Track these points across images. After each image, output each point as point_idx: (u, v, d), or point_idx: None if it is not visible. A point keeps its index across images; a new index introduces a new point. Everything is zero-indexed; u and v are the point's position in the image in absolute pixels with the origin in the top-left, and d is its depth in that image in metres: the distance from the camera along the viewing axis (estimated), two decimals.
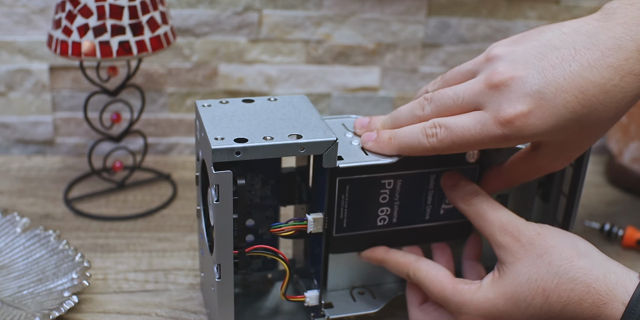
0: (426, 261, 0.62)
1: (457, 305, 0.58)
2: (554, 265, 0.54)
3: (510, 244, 0.57)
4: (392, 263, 0.64)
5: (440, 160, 0.63)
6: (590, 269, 0.53)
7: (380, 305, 0.66)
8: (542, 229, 0.57)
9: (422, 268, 0.62)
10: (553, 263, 0.54)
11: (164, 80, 0.95)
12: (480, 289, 0.58)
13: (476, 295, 0.57)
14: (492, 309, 0.56)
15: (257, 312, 0.66)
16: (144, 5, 0.77)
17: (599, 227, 0.82)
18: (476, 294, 0.57)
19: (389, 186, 0.62)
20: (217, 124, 0.57)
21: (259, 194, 0.66)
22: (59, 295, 0.67)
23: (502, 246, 0.57)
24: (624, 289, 0.52)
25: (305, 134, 0.56)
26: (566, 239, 0.56)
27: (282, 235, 0.60)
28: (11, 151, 0.97)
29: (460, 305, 0.58)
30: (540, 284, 0.54)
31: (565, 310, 0.53)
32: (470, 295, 0.58)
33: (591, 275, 0.53)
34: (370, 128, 0.62)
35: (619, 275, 0.53)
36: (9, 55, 0.91)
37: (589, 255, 0.55)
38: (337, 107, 0.99)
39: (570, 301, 0.53)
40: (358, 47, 0.96)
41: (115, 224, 0.83)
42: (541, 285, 0.54)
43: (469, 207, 0.60)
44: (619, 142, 0.92)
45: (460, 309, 0.58)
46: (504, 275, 0.56)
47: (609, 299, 0.52)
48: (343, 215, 0.63)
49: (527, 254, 0.56)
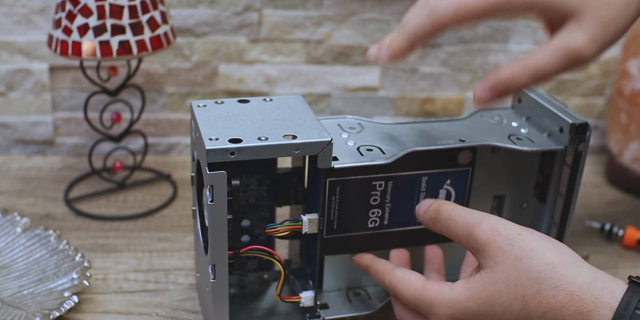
0: (402, 269, 0.60)
1: (427, 305, 0.56)
2: (534, 270, 0.51)
3: (485, 245, 0.54)
4: (372, 271, 0.62)
5: (432, 162, 0.63)
6: (573, 277, 0.51)
7: (376, 306, 0.66)
8: (522, 229, 0.54)
9: (396, 274, 0.59)
10: (533, 268, 0.51)
11: (164, 80, 0.95)
12: (451, 289, 0.55)
13: (445, 295, 0.55)
14: (463, 311, 0.54)
15: (252, 313, 0.66)
16: (144, 5, 0.77)
17: (599, 227, 0.81)
18: (446, 293, 0.55)
19: (379, 188, 0.62)
20: (212, 125, 0.57)
21: (254, 194, 0.66)
22: (59, 295, 0.67)
23: (478, 250, 0.55)
24: (611, 294, 0.49)
25: (300, 134, 0.56)
26: (549, 243, 0.53)
27: (277, 236, 0.60)
28: (11, 151, 0.98)
29: (429, 304, 0.56)
30: (520, 290, 0.51)
31: (546, 317, 0.51)
32: (439, 294, 0.55)
33: (574, 283, 0.50)
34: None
35: (605, 283, 0.50)
36: (9, 55, 0.92)
37: (574, 264, 0.52)
38: (337, 107, 0.99)
39: (551, 308, 0.50)
40: (358, 47, 0.96)
41: (116, 224, 0.83)
42: (520, 290, 0.51)
43: (440, 224, 0.58)
44: (619, 142, 0.92)
45: (430, 309, 0.56)
46: (481, 280, 0.54)
47: (594, 306, 0.49)
48: (333, 216, 0.63)
49: (505, 257, 0.53)
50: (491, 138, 0.64)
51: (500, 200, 0.68)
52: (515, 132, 0.66)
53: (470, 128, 0.66)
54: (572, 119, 0.63)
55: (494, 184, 0.67)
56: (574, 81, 1.01)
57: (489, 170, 0.66)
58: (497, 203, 0.68)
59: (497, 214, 0.68)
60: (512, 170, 0.67)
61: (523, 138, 0.65)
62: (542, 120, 0.66)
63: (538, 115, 0.66)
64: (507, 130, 0.66)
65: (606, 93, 1.02)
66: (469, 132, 0.65)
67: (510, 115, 0.69)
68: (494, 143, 0.63)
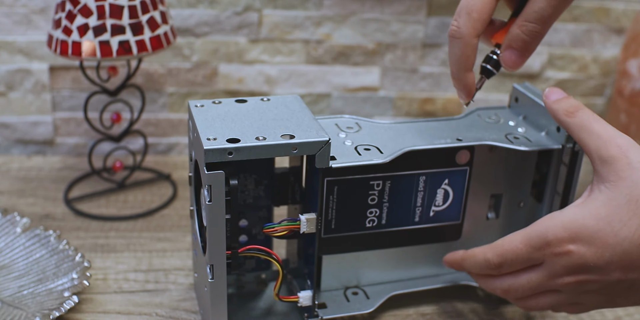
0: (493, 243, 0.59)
1: (541, 235, 0.55)
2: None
3: (616, 159, 0.54)
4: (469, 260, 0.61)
5: (429, 161, 0.63)
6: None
7: (374, 305, 0.66)
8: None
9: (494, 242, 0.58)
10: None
11: (164, 80, 0.95)
12: (564, 211, 0.55)
13: (560, 217, 0.54)
14: (580, 228, 0.53)
15: (250, 312, 0.66)
16: (144, 5, 0.77)
17: None
18: (560, 215, 0.55)
19: (377, 187, 0.62)
20: (210, 125, 0.57)
21: (252, 194, 0.66)
22: (59, 295, 0.67)
23: (606, 161, 0.54)
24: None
25: (297, 134, 0.56)
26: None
27: (275, 236, 0.60)
28: (11, 151, 0.98)
29: (544, 231, 0.54)
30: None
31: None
32: (553, 219, 0.55)
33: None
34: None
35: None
36: (9, 55, 0.92)
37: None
38: (337, 107, 1.00)
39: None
40: (358, 47, 0.96)
41: (116, 224, 0.83)
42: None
43: (573, 119, 0.57)
44: None
45: (545, 236, 0.54)
46: (601, 195, 0.54)
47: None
48: (331, 216, 0.63)
49: (632, 173, 0.53)
50: (488, 137, 0.64)
51: (498, 199, 0.68)
52: (512, 132, 0.66)
53: (468, 127, 0.66)
54: None
55: (492, 183, 0.67)
56: (574, 81, 1.01)
57: (487, 170, 0.66)
58: (495, 202, 0.68)
59: (495, 213, 0.69)
60: (510, 169, 0.67)
61: (520, 137, 0.65)
62: (539, 119, 0.66)
63: (535, 115, 0.66)
64: (504, 130, 0.66)
65: (606, 93, 1.02)
66: (466, 132, 0.65)
67: (507, 114, 0.69)
68: (491, 142, 0.63)
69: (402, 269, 0.69)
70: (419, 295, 0.70)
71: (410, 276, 0.70)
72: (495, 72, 0.62)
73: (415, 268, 0.70)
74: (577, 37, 0.98)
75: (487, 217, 0.69)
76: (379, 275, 0.69)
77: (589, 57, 1.00)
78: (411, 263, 0.69)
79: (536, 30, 0.57)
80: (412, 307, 0.70)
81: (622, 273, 0.53)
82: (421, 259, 0.69)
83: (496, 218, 0.69)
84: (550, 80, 1.00)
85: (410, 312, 0.69)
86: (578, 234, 0.53)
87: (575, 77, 1.01)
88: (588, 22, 0.97)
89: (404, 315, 0.69)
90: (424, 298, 0.70)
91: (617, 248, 0.52)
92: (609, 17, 0.97)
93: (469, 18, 0.57)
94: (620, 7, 0.97)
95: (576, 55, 1.00)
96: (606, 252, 0.52)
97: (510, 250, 0.57)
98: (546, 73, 1.00)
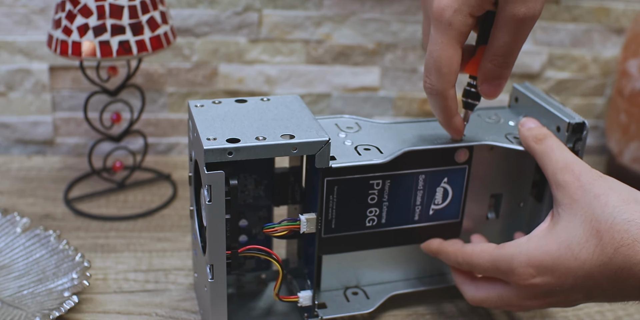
0: (471, 244, 0.63)
1: (506, 262, 0.57)
2: (609, 206, 0.54)
3: (569, 182, 0.57)
4: (443, 254, 0.64)
5: (429, 161, 0.63)
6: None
7: (374, 305, 0.66)
8: (604, 175, 0.57)
9: (467, 249, 0.61)
10: (609, 204, 0.54)
11: (164, 80, 0.95)
12: (530, 239, 0.57)
13: (526, 245, 0.57)
14: (544, 256, 0.55)
15: (250, 312, 0.66)
16: (144, 5, 0.77)
17: None
18: (523, 244, 0.57)
19: (377, 186, 0.62)
20: (210, 125, 0.57)
21: (252, 194, 0.66)
22: (59, 295, 0.67)
23: (561, 185, 0.57)
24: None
25: (297, 134, 0.56)
26: (626, 186, 0.56)
27: (275, 236, 0.60)
28: (11, 151, 0.98)
29: (509, 260, 0.57)
30: (595, 225, 0.53)
31: (618, 252, 0.52)
32: (517, 246, 0.57)
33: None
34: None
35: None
36: (9, 55, 0.92)
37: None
38: (337, 107, 1.00)
39: (623, 243, 0.52)
40: (358, 47, 0.96)
41: (115, 224, 0.83)
42: (595, 226, 0.53)
43: (539, 146, 0.61)
44: (619, 142, 0.91)
45: (510, 264, 0.57)
46: (560, 219, 0.56)
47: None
48: (331, 216, 0.63)
49: (584, 194, 0.55)
50: (488, 137, 0.64)
51: (498, 199, 0.68)
52: (512, 131, 0.66)
53: (467, 127, 0.66)
54: (569, 118, 0.63)
55: (491, 183, 0.67)
56: (574, 81, 1.01)
57: (486, 169, 0.66)
58: (495, 202, 0.68)
59: (495, 213, 0.69)
60: (509, 169, 0.67)
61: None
62: (539, 119, 0.66)
63: (535, 115, 0.66)
64: (504, 130, 0.66)
65: (606, 93, 1.02)
66: (466, 132, 0.65)
67: (507, 114, 0.69)
68: (491, 142, 0.63)
69: (402, 269, 0.69)
70: (419, 295, 0.70)
71: (410, 276, 0.70)
72: (477, 104, 0.63)
73: (415, 268, 0.70)
74: (577, 37, 0.98)
75: (487, 217, 0.69)
76: (379, 275, 0.69)
77: (589, 57, 1.00)
78: (411, 263, 0.69)
79: (507, 61, 0.59)
80: (412, 307, 0.70)
81: (586, 295, 0.56)
82: (421, 259, 0.69)
83: (496, 218, 0.69)
84: (550, 80, 1.00)
85: (410, 312, 0.69)
86: (542, 263, 0.56)
87: (575, 77, 1.01)
88: (588, 22, 0.97)
89: (404, 315, 0.69)
90: (424, 298, 0.70)
91: (578, 272, 0.54)
92: (609, 17, 0.97)
93: (440, 74, 0.58)
94: (620, 7, 0.97)
95: (576, 55, 1.00)
96: (569, 277, 0.55)
97: (478, 266, 0.60)
98: (546, 73, 1.00)
